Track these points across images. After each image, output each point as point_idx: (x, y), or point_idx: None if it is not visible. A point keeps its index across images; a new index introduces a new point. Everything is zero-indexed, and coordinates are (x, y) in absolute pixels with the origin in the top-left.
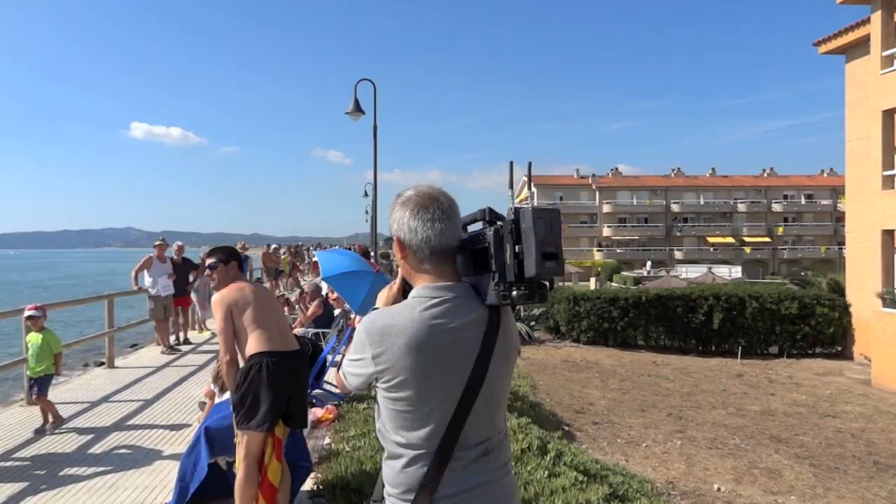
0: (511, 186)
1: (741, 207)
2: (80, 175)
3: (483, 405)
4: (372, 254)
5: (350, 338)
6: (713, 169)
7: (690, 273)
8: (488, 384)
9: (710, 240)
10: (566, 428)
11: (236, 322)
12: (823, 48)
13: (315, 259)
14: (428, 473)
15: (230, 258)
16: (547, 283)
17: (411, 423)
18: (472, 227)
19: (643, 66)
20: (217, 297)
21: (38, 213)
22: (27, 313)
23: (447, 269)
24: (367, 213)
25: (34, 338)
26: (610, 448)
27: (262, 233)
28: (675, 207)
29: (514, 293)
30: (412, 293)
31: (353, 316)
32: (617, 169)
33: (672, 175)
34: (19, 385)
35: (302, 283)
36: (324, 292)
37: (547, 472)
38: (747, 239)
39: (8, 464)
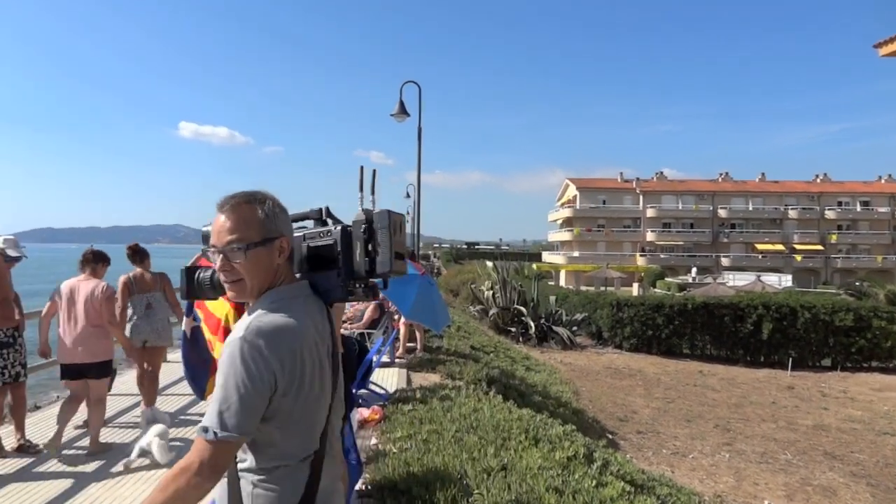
0: (361, 189)
1: (792, 214)
2: (131, 173)
3: (338, 401)
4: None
5: (395, 338)
6: (763, 174)
7: (738, 280)
8: (340, 378)
9: (759, 247)
10: (610, 436)
11: None
12: (884, 50)
13: None
14: (311, 479)
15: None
16: (380, 283)
17: (293, 429)
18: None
19: (689, 68)
20: None
21: (91, 210)
22: None
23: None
24: (408, 213)
25: None
26: (655, 458)
27: None
28: (722, 213)
29: (359, 289)
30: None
31: (396, 317)
32: (662, 173)
33: (719, 179)
34: None
35: None
36: None
37: (594, 482)
38: (798, 247)
39: (70, 452)
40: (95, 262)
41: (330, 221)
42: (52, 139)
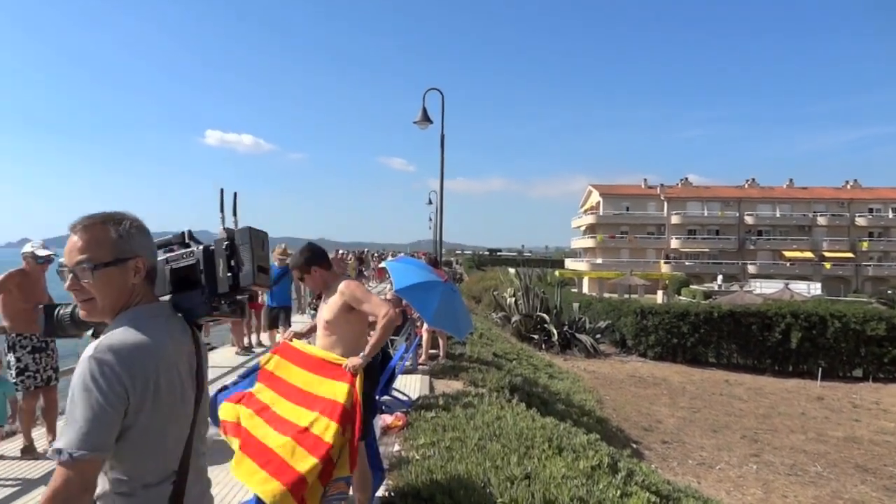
0: (221, 210)
1: (821, 221)
2: (160, 180)
3: (202, 420)
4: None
5: (418, 345)
6: (790, 180)
7: (765, 288)
8: (205, 397)
9: (787, 254)
10: (634, 446)
11: (352, 314)
12: None
13: (380, 266)
14: (173, 499)
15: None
16: (246, 299)
17: (150, 447)
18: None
19: (714, 72)
20: (352, 280)
21: None
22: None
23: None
24: (430, 220)
25: None
26: (681, 469)
27: (328, 238)
28: (748, 220)
29: (224, 305)
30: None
31: (419, 324)
32: (687, 179)
33: (746, 186)
34: None
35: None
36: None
37: (619, 492)
38: (827, 254)
39: None
40: None
41: (192, 243)
42: (85, 147)
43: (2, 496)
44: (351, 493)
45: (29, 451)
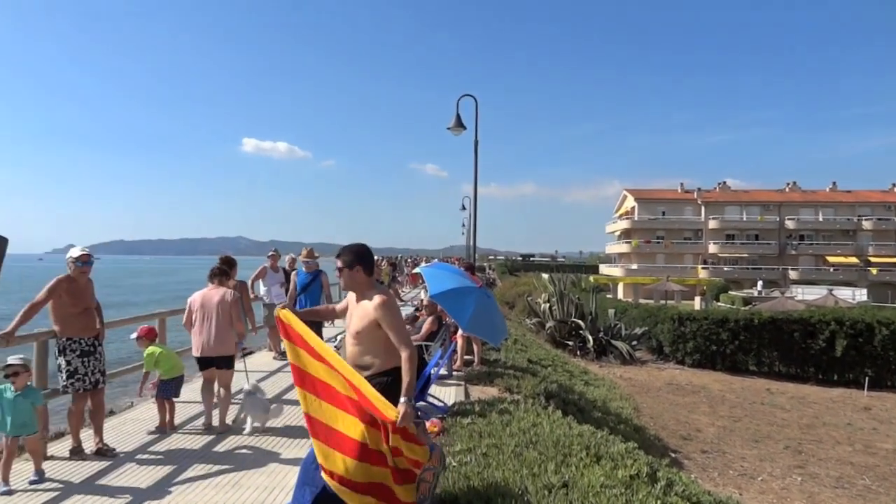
0: None
1: (866, 225)
2: (198, 188)
3: None
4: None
5: (454, 351)
6: (834, 183)
7: (808, 295)
8: None
9: (830, 259)
10: (673, 455)
11: (381, 330)
12: None
13: (414, 271)
14: None
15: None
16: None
17: None
18: None
19: (753, 76)
20: (387, 297)
21: (161, 224)
22: (133, 336)
23: None
24: (463, 225)
25: (149, 350)
26: (721, 479)
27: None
28: (789, 224)
29: None
30: None
31: (454, 329)
32: (725, 183)
33: (787, 189)
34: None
35: (401, 293)
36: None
37: (659, 502)
38: (874, 259)
39: (144, 456)
40: (221, 275)
41: None
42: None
43: (49, 497)
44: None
45: (77, 453)
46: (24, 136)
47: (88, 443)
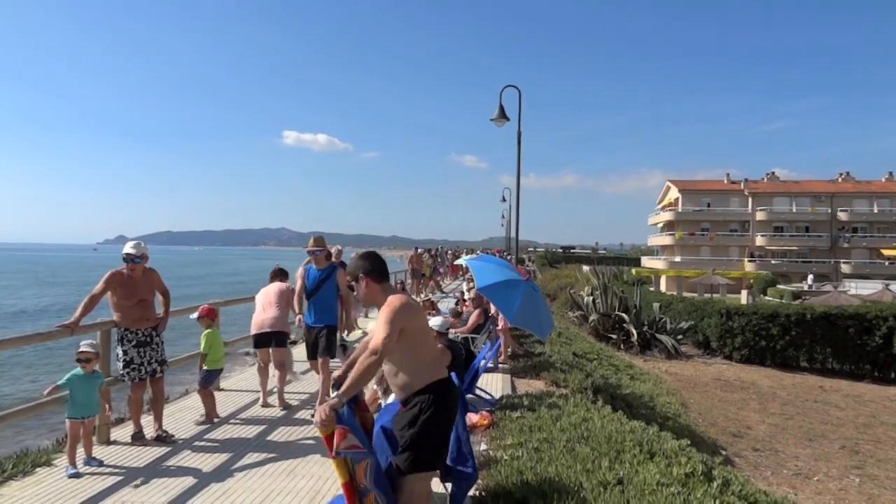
0: None
1: None
2: (241, 180)
3: None
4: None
5: (501, 345)
6: (890, 173)
7: (862, 289)
8: None
9: (886, 252)
10: (723, 453)
11: (405, 336)
12: None
13: (456, 262)
14: None
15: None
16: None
17: None
18: None
19: (802, 61)
20: (394, 299)
21: (206, 215)
22: (193, 316)
23: None
24: (503, 217)
25: (207, 332)
26: (775, 479)
27: (400, 235)
28: (842, 216)
29: None
30: None
31: (500, 323)
32: (773, 173)
33: (839, 180)
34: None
35: (441, 284)
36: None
37: (716, 502)
38: None
39: (201, 443)
40: (278, 276)
41: None
42: (171, 151)
43: (112, 482)
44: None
45: (138, 438)
46: (79, 128)
47: (149, 429)
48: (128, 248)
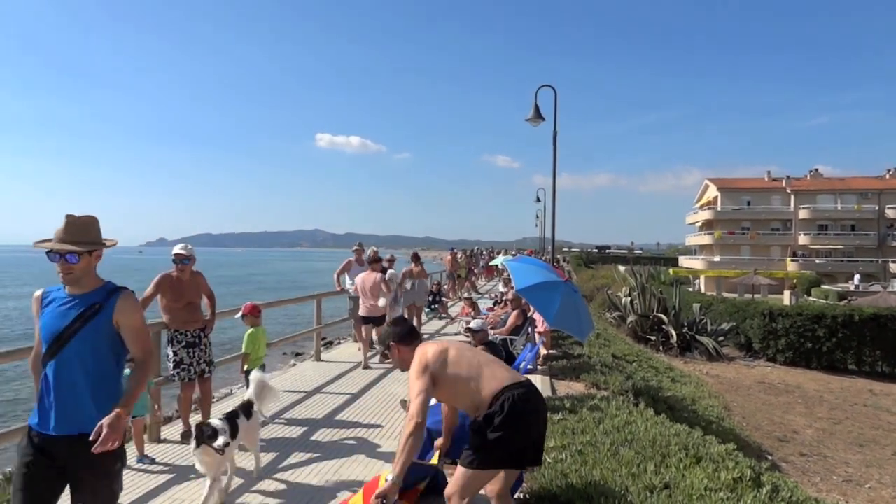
0: None
1: None
2: (276, 183)
3: None
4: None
5: (541, 347)
6: None
7: None
8: None
9: None
10: (769, 458)
11: (442, 378)
12: None
13: (492, 262)
14: None
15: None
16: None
17: None
18: None
19: (846, 51)
20: (414, 355)
21: (243, 217)
22: (238, 316)
23: None
24: (537, 217)
25: (251, 331)
26: (824, 486)
27: (433, 235)
28: (890, 213)
29: None
30: None
31: (540, 326)
32: (816, 170)
33: (887, 176)
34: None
35: (477, 285)
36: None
37: None
38: None
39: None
40: (373, 262)
41: None
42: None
43: (162, 480)
44: None
45: (187, 437)
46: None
47: None
48: (177, 250)
